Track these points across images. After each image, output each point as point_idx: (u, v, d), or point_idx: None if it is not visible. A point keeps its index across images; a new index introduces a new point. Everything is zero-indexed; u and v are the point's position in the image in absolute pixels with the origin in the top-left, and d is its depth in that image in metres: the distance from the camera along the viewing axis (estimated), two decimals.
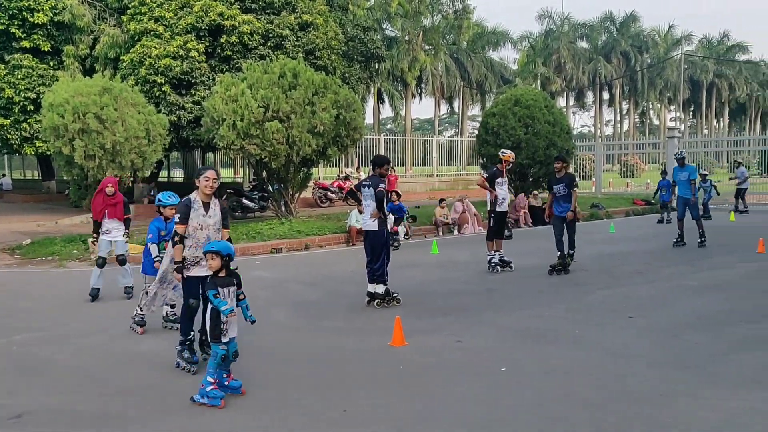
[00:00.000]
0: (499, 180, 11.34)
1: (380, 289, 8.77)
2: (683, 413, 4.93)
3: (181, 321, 6.30)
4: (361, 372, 6.06)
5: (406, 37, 44.90)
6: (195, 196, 6.03)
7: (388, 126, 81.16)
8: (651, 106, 74.76)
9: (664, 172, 21.67)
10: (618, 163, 42.95)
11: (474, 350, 6.70)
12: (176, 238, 5.93)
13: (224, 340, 5.30)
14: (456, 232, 17.90)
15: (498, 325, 7.68)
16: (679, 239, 14.20)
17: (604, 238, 16.04)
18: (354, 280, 10.68)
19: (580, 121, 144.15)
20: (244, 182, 28.36)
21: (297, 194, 18.19)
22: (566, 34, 61.30)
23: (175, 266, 6.05)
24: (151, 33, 19.13)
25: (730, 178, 23.99)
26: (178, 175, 41.01)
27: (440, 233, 17.53)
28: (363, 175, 23.33)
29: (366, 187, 8.88)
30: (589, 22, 64.00)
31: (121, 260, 9.55)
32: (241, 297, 5.49)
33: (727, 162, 45.80)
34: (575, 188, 11.19)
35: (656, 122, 75.34)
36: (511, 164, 11.71)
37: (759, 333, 7.15)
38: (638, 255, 13.11)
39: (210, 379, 5.25)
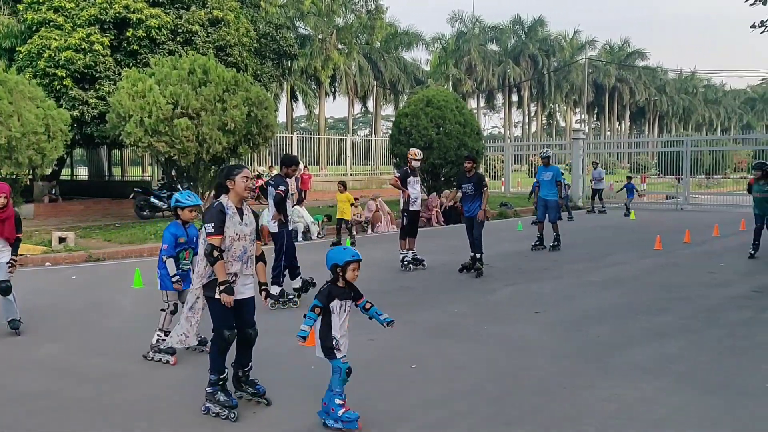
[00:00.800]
0: (410, 179, 11.44)
1: (275, 290, 8.69)
2: (582, 404, 5.12)
3: (212, 357, 5.10)
4: (272, 373, 5.97)
5: (320, 36, 44.73)
6: (227, 201, 5.05)
7: (302, 124, 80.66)
8: (557, 109, 77.37)
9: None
10: (526, 163, 44.22)
11: (385, 348, 6.74)
12: (215, 253, 4.87)
13: (339, 355, 4.81)
14: (370, 230, 17.97)
15: (410, 323, 7.74)
16: (537, 242, 13.81)
17: (512, 237, 16.47)
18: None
19: (490, 123, 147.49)
20: (152, 181, 27.54)
21: (208, 193, 17.79)
22: (477, 37, 62.62)
23: (222, 287, 4.87)
24: (51, 24, 18.25)
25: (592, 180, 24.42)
26: (82, 173, 39.39)
27: (354, 232, 17.53)
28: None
29: (270, 187, 8.83)
30: (499, 26, 65.59)
31: (4, 288, 7.36)
32: (368, 306, 5.02)
33: (628, 163, 48.02)
34: (485, 188, 11.27)
35: (563, 124, 78.05)
36: (418, 162, 11.70)
37: (654, 325, 7.52)
38: (545, 252, 13.53)
39: (339, 401, 4.69)
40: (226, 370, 5.10)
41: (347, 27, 46.74)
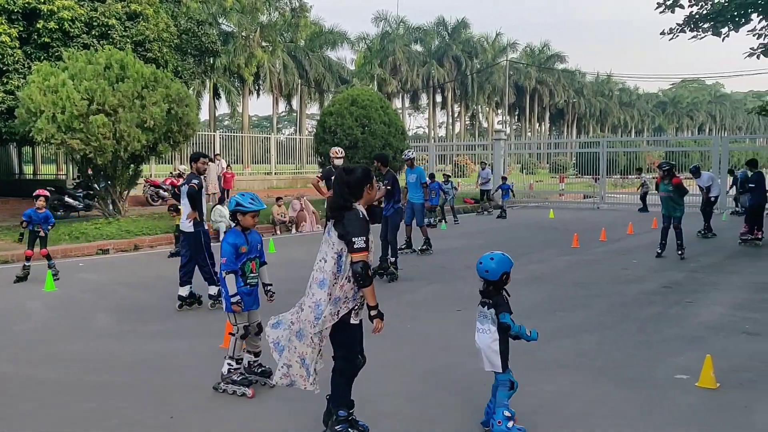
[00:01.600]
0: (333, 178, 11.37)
1: (213, 290, 8.55)
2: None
3: (340, 390, 4.52)
4: (189, 377, 5.84)
5: (243, 33, 44.08)
6: (361, 208, 4.42)
7: (226, 122, 79.41)
8: (480, 110, 78.78)
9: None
10: (450, 163, 44.89)
11: None
12: (369, 271, 4.24)
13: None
14: (294, 230, 17.82)
15: None
16: (404, 245, 13.29)
17: (436, 235, 16.64)
18: None
19: (415, 123, 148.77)
20: (67, 179, 26.48)
21: (126, 192, 17.27)
22: (401, 37, 63.06)
23: (375, 312, 4.31)
24: None
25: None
26: None
27: (278, 232, 17.36)
28: (215, 173, 22.59)
29: (184, 185, 8.58)
30: (423, 27, 66.26)
31: None
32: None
33: (548, 163, 49.33)
34: (387, 187, 10.75)
35: (485, 125, 79.52)
36: (341, 160, 11.42)
37: (571, 321, 7.73)
38: (468, 251, 13.73)
39: (507, 414, 4.46)
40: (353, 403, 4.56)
41: (271, 24, 46.24)
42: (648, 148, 38.53)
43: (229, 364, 5.46)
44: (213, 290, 8.55)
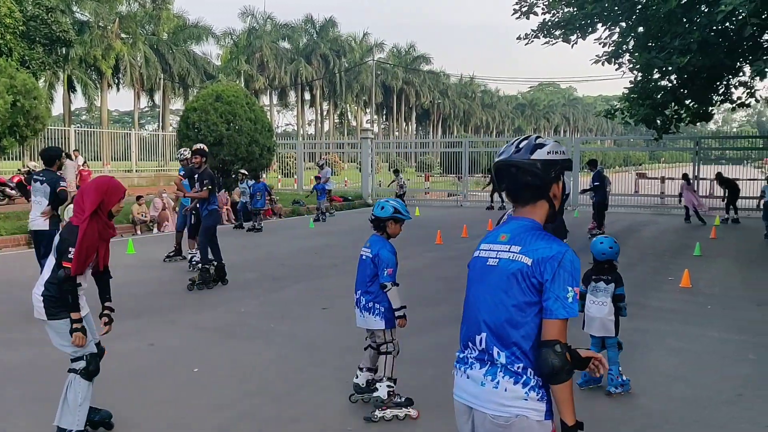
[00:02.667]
0: (197, 176, 11.01)
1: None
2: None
3: None
4: (36, 388, 5.45)
5: (100, 23, 41.84)
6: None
7: (83, 117, 75.16)
8: (349, 108, 79.30)
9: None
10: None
11: (167, 352, 6.43)
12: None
13: None
14: (156, 230, 17.11)
15: (194, 325, 7.48)
16: (173, 252, 12.26)
17: (304, 234, 16.58)
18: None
19: (284, 120, 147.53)
20: None
21: None
22: (269, 34, 62.27)
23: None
24: None
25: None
26: None
27: (138, 232, 16.60)
28: (72, 170, 21.16)
29: (39, 183, 8.05)
30: (291, 24, 65.78)
31: None
32: None
33: (415, 162, 50.45)
34: (207, 187, 9.98)
35: (354, 123, 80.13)
36: (197, 159, 10.52)
37: (432, 316, 7.93)
38: (335, 248, 13.76)
39: (620, 369, 5.41)
40: None
41: (131, 15, 44.22)
42: None
43: (389, 386, 4.92)
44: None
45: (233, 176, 21.21)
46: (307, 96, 71.03)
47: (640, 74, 14.80)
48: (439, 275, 10.76)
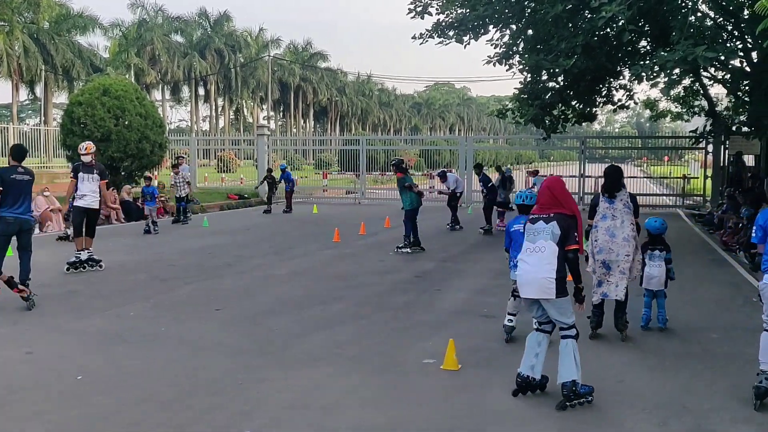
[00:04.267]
0: (80, 176, 10.56)
1: None
2: (257, 398, 5.16)
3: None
4: None
5: None
6: None
7: None
8: (245, 104, 77.91)
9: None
10: (215, 158, 43.78)
11: (47, 360, 6.07)
12: None
13: None
14: (37, 230, 16.15)
15: (77, 330, 7.10)
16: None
17: (198, 232, 16.14)
18: None
19: (177, 116, 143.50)
20: None
21: None
22: (160, 27, 60.15)
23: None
24: None
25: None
26: None
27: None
28: None
29: None
30: (184, 17, 63.82)
31: None
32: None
33: (313, 159, 50.21)
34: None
35: (250, 120, 78.83)
36: (88, 156, 10.70)
37: (329, 314, 7.89)
38: (230, 247, 13.45)
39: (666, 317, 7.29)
40: None
41: (6, 1, 41.53)
42: (405, 147, 40.81)
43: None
44: None
45: (122, 173, 20.37)
46: (202, 91, 69.16)
47: (529, 75, 15.33)
48: (336, 273, 10.73)
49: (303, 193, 27.28)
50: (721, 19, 14.99)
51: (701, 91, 21.68)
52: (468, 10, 14.56)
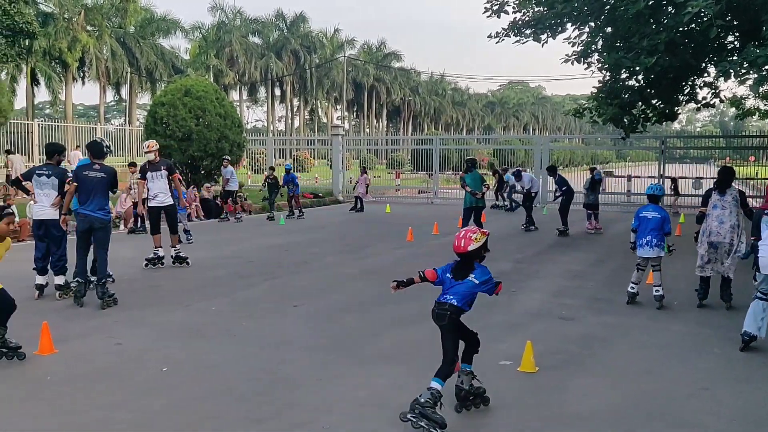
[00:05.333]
0: (150, 174, 10.80)
1: (61, 279, 8.54)
2: (335, 395, 5.21)
3: None
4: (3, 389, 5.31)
5: (65, 15, 41.03)
6: None
7: (47, 111, 73.69)
8: (320, 104, 78.95)
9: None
10: (290, 157, 44.55)
11: (134, 352, 6.31)
12: None
13: None
14: (121, 226, 16.83)
15: (161, 324, 7.36)
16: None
17: (274, 230, 16.46)
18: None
19: (254, 116, 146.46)
20: None
21: None
22: (238, 28, 61.68)
23: None
24: None
25: None
26: None
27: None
28: (20, 165, 20.83)
29: (46, 176, 8.61)
30: (261, 19, 65.22)
31: None
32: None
33: (386, 159, 50.44)
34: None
35: (324, 120, 79.82)
36: (152, 154, 10.86)
37: (400, 313, 7.90)
38: (305, 245, 13.67)
39: None
40: None
41: (97, 7, 43.43)
42: (478, 146, 40.52)
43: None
44: (60, 280, 8.54)
45: (202, 172, 20.99)
46: (278, 92, 70.51)
47: (608, 74, 14.93)
48: (410, 272, 10.70)
49: (376, 193, 27.42)
50: None
51: None
52: (546, 8, 14.30)
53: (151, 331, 7.09)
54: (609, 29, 14.50)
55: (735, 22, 13.66)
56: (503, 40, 15.59)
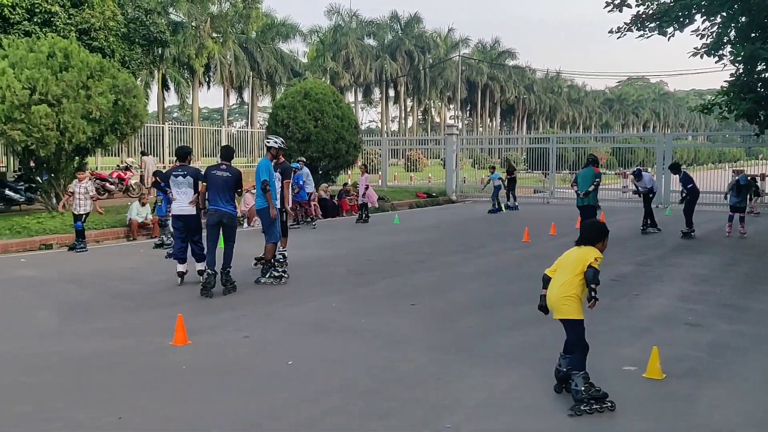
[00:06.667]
0: (278, 174, 10.56)
1: (201, 265, 9.44)
2: (456, 394, 5.23)
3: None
4: (138, 376, 5.69)
5: (193, 23, 43.30)
6: None
7: (175, 114, 78.03)
8: (433, 104, 79.14)
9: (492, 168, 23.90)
10: (403, 157, 44.93)
11: (260, 345, 6.59)
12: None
13: None
14: (246, 224, 17.58)
15: (286, 318, 7.64)
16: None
17: (389, 229, 16.68)
18: (133, 278, 10.12)
19: (368, 117, 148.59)
20: (8, 172, 25.59)
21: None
22: (354, 31, 62.90)
23: None
24: None
25: None
26: None
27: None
28: (152, 166, 22.24)
29: (182, 176, 9.53)
30: (376, 21, 66.20)
31: None
32: None
33: (499, 158, 49.87)
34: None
35: (437, 119, 79.92)
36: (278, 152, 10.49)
37: (520, 314, 7.80)
38: (421, 244, 13.77)
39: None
40: None
41: (222, 15, 45.55)
42: (596, 144, 39.24)
43: None
44: (201, 266, 9.45)
45: (320, 172, 21.55)
46: (391, 93, 71.31)
47: (742, 66, 14.11)
48: (527, 273, 10.58)
49: (490, 192, 27.18)
50: None
51: None
52: (672, 0, 13.72)
53: (276, 325, 7.38)
54: (743, 18, 13.71)
55: None
56: (625, 35, 15.10)
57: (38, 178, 16.68)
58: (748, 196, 16.12)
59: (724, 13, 13.92)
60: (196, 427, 4.64)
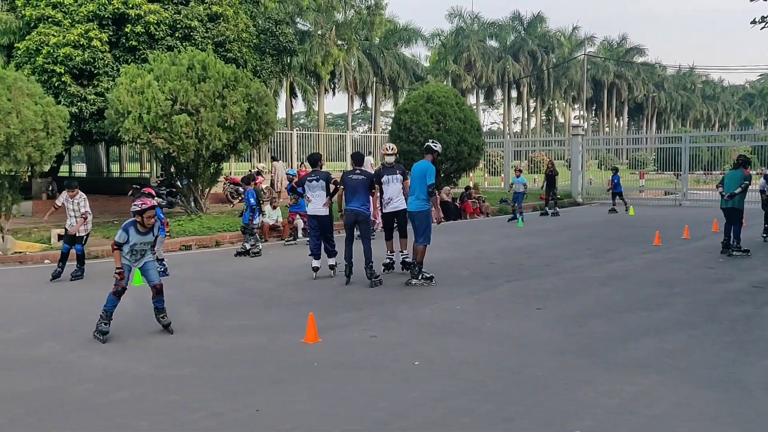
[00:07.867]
0: (385, 178, 10.47)
1: (332, 261, 10.35)
2: (583, 399, 5.13)
3: None
4: (273, 371, 5.98)
5: (319, 32, 44.66)
6: None
7: (301, 121, 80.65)
8: (556, 105, 77.36)
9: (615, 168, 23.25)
10: (526, 159, 44.23)
11: (387, 345, 6.73)
12: None
13: None
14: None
15: (412, 320, 7.75)
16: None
17: (513, 232, 16.48)
18: (265, 277, 10.60)
19: (489, 118, 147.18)
20: (151, 177, 27.50)
21: (207, 189, 17.80)
22: (476, 33, 62.58)
23: None
24: (49, 20, 18.13)
25: None
26: (80, 169, 39.29)
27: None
28: (282, 171, 23.18)
29: (315, 181, 10.26)
30: (498, 22, 65.58)
31: None
32: None
33: (627, 159, 47.99)
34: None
35: (561, 120, 78.00)
36: (391, 156, 10.68)
37: (652, 320, 7.52)
38: (546, 248, 13.52)
39: None
40: None
41: (347, 23, 46.68)
42: (734, 143, 36.90)
43: None
44: (332, 261, 10.39)
45: (442, 175, 21.61)
46: (514, 93, 70.36)
47: None
48: (660, 278, 10.17)
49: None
50: None
51: None
52: None
53: (402, 325, 7.52)
54: None
55: None
56: None
57: (178, 183, 17.79)
58: None
59: None
60: (328, 422, 4.82)
